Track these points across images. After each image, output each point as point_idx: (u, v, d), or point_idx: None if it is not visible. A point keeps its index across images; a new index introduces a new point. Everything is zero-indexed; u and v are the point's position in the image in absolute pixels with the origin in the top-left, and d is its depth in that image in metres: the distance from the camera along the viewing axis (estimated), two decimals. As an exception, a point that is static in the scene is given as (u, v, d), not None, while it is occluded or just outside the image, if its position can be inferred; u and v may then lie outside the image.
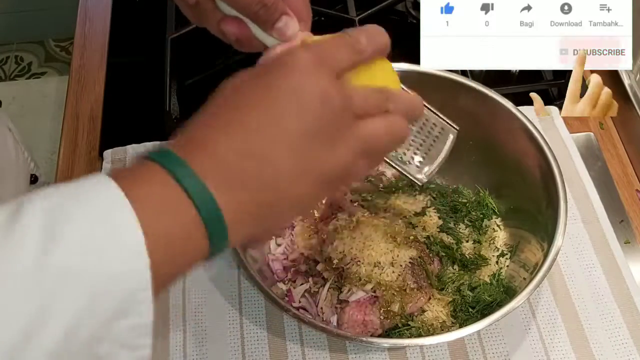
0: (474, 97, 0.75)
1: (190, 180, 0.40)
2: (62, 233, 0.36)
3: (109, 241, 0.37)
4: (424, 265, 0.72)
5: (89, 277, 0.36)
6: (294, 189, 0.44)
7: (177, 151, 0.42)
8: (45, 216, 0.36)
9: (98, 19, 1.07)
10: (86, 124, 0.94)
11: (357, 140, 0.46)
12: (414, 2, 1.02)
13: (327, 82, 0.44)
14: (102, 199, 0.38)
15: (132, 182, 0.40)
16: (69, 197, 0.38)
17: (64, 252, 0.35)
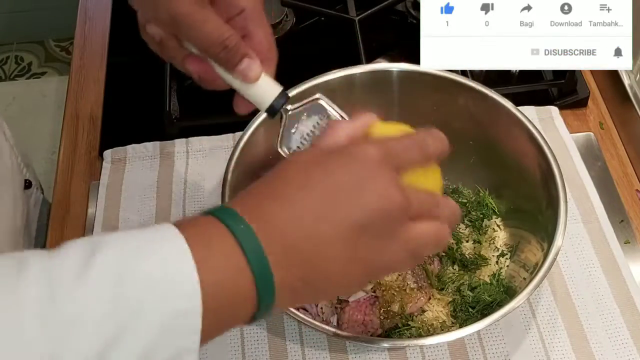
0: (474, 97, 0.75)
1: (252, 248, 0.41)
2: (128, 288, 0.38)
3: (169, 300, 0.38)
4: (424, 265, 0.72)
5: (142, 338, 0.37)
6: (341, 275, 0.45)
7: (238, 210, 0.43)
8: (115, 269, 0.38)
9: (98, 19, 1.07)
10: (86, 124, 0.94)
11: (408, 240, 0.46)
12: (414, 2, 1.02)
13: (390, 181, 0.45)
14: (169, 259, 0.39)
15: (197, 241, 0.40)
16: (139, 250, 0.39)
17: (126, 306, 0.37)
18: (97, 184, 0.85)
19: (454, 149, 0.59)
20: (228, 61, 0.53)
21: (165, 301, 0.38)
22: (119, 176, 0.86)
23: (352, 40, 0.95)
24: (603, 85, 0.95)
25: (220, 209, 0.43)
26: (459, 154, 0.77)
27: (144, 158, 0.87)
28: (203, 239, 0.41)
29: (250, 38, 0.54)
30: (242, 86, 0.55)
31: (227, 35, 0.52)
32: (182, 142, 0.88)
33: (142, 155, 0.88)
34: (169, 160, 0.87)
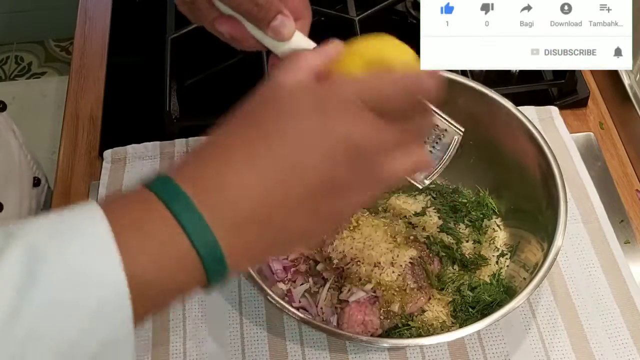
0: (474, 97, 0.75)
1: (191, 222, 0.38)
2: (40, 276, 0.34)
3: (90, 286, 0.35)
4: (424, 265, 0.72)
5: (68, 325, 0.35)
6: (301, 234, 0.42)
7: (177, 180, 0.39)
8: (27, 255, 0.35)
9: (98, 19, 1.07)
10: (86, 124, 0.94)
11: (383, 184, 0.44)
12: (414, 2, 1.02)
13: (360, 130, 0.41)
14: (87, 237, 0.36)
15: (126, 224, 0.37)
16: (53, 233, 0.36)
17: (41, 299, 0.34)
18: (97, 184, 0.85)
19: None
20: (261, 19, 0.50)
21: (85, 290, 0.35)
22: (119, 176, 0.86)
23: (352, 40, 0.95)
24: (603, 85, 0.95)
25: (154, 179, 0.39)
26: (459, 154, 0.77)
27: (144, 158, 0.87)
28: (133, 220, 0.37)
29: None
30: (276, 45, 0.52)
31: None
32: (182, 142, 0.88)
33: (142, 155, 0.88)
34: (169, 160, 0.87)
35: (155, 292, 0.38)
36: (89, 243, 0.36)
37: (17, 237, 0.35)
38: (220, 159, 0.40)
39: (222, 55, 0.98)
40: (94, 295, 0.35)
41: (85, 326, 0.35)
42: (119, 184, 0.85)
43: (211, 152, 0.41)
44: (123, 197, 0.39)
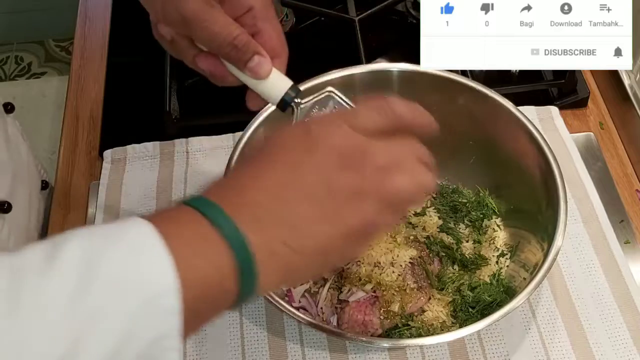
0: (474, 97, 0.75)
1: (219, 216, 0.41)
2: (97, 274, 0.36)
3: (143, 286, 0.37)
4: (424, 265, 0.72)
5: (120, 321, 0.36)
6: (315, 232, 0.44)
7: (208, 196, 0.43)
8: (84, 254, 0.37)
9: (98, 19, 1.07)
10: (86, 124, 0.94)
11: (379, 192, 0.46)
12: (414, 2, 1.02)
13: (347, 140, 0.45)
14: (139, 242, 0.39)
15: (165, 223, 0.40)
16: (108, 238, 0.38)
17: (96, 293, 0.36)
18: (97, 184, 0.85)
19: (454, 149, 0.59)
20: (238, 59, 0.53)
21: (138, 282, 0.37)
22: (119, 176, 0.86)
23: (352, 40, 0.95)
24: (603, 85, 0.95)
25: (186, 199, 0.43)
26: (459, 154, 0.77)
27: (144, 158, 0.87)
28: (170, 220, 0.41)
29: (260, 35, 0.55)
30: (254, 82, 0.55)
31: (236, 34, 0.52)
32: (182, 142, 0.88)
33: (142, 155, 0.88)
34: (169, 160, 0.87)
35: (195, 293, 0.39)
36: (141, 246, 0.38)
37: (70, 241, 0.38)
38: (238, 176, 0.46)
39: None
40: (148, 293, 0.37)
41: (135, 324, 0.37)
42: (119, 184, 0.85)
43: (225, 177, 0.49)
44: (163, 211, 0.43)
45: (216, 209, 0.42)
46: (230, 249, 0.41)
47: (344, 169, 0.45)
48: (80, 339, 0.35)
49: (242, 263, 0.41)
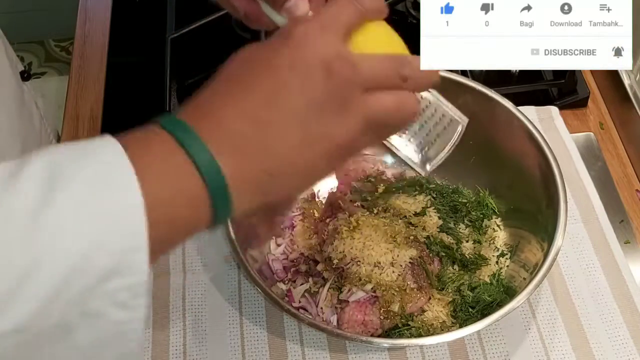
0: (474, 97, 0.75)
1: (194, 143, 0.40)
2: (62, 188, 0.36)
3: (107, 200, 0.37)
4: (424, 265, 0.72)
5: (83, 234, 0.36)
6: (297, 158, 0.43)
7: (183, 118, 0.42)
8: (47, 170, 0.37)
9: (98, 19, 1.07)
10: (86, 124, 0.94)
11: (365, 113, 0.45)
12: (414, 2, 1.02)
13: (332, 50, 0.44)
14: (105, 159, 0.38)
15: (137, 145, 0.40)
16: (74, 154, 0.38)
17: (60, 208, 0.36)
18: (97, 184, 0.85)
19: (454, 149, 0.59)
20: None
21: (104, 199, 0.37)
22: (119, 176, 0.86)
23: (352, 40, 0.95)
24: (603, 85, 0.95)
25: (160, 117, 0.42)
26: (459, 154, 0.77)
27: (144, 158, 0.87)
28: (141, 143, 0.40)
29: None
30: None
31: None
32: (182, 142, 0.88)
33: (142, 155, 0.87)
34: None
35: (165, 217, 0.39)
36: (108, 166, 0.38)
37: (37, 156, 0.37)
38: (213, 96, 0.44)
39: (222, 55, 0.98)
40: (112, 207, 0.37)
41: (100, 237, 0.36)
42: (119, 184, 0.85)
43: (207, 94, 0.44)
44: (133, 132, 0.42)
45: (191, 135, 0.40)
46: (203, 178, 0.40)
47: (328, 84, 0.43)
48: (41, 255, 0.35)
49: (216, 194, 0.41)
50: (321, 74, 0.43)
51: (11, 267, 0.35)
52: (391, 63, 0.46)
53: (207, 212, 0.41)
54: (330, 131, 0.44)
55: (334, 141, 0.44)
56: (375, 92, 0.45)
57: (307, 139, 0.43)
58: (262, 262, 0.74)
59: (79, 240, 0.36)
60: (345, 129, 0.44)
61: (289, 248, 0.76)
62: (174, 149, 0.40)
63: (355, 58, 0.45)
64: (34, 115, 0.86)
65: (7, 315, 0.35)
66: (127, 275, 0.37)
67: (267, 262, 0.75)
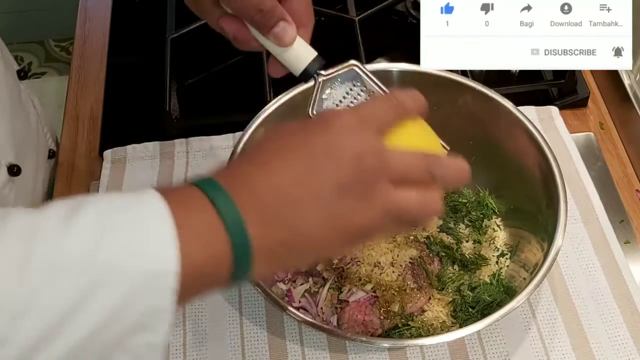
0: (474, 97, 0.75)
1: (227, 208, 0.42)
2: (109, 241, 0.38)
3: (146, 257, 0.39)
4: (424, 265, 0.72)
5: (121, 287, 0.38)
6: (317, 236, 0.45)
7: (217, 179, 0.44)
8: (97, 222, 0.39)
9: (98, 19, 1.07)
10: (86, 124, 0.94)
11: (386, 203, 0.46)
12: (414, 2, 1.02)
13: (366, 141, 0.46)
14: (149, 218, 0.40)
15: (175, 205, 0.41)
16: (122, 206, 0.40)
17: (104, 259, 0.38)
18: (97, 184, 0.85)
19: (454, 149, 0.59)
20: (263, 24, 0.53)
21: (143, 258, 0.39)
22: (119, 176, 0.86)
23: (352, 40, 0.95)
24: (603, 85, 0.95)
25: (199, 179, 0.44)
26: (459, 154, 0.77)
27: (144, 158, 0.87)
28: (182, 203, 0.42)
29: (287, 2, 0.54)
30: (277, 50, 0.54)
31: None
32: (182, 142, 0.88)
33: (142, 155, 0.88)
34: (169, 160, 0.87)
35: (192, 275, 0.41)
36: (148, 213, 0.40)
37: (85, 205, 0.40)
38: (249, 165, 0.46)
39: (222, 55, 0.98)
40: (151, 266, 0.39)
41: (137, 287, 0.38)
42: (119, 184, 0.85)
43: (243, 160, 0.47)
44: (170, 187, 0.44)
45: (225, 200, 0.42)
46: (231, 243, 0.42)
47: (357, 172, 0.45)
48: (84, 299, 0.37)
49: (239, 257, 0.42)
50: (352, 162, 0.45)
51: (52, 311, 0.37)
52: (422, 160, 0.48)
53: (227, 273, 0.43)
54: (352, 215, 0.45)
55: (354, 225, 0.46)
56: (402, 187, 0.47)
57: (329, 220, 0.45)
58: (262, 262, 0.74)
59: (117, 292, 0.38)
60: (366, 215, 0.46)
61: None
62: (207, 207, 0.42)
63: (387, 151, 0.46)
64: (30, 115, 0.86)
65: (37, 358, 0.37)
66: (150, 333, 0.39)
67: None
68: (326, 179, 0.44)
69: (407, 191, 0.47)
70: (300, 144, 0.46)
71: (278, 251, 0.44)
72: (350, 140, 0.45)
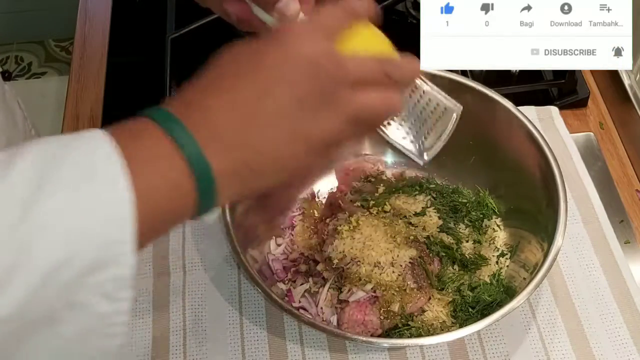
0: (474, 97, 0.75)
1: (182, 135, 0.41)
2: (51, 181, 0.37)
3: (95, 193, 0.37)
4: (424, 265, 0.72)
5: (71, 226, 0.37)
6: (281, 152, 0.44)
7: (171, 110, 0.43)
8: (38, 162, 0.37)
9: (98, 19, 1.07)
10: (86, 124, 0.94)
11: (349, 108, 0.45)
12: (414, 2, 1.02)
13: (320, 49, 0.45)
14: (94, 150, 0.39)
15: (125, 136, 0.40)
16: (63, 147, 0.39)
17: (49, 200, 0.36)
18: (97, 184, 0.85)
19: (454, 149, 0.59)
20: (267, 0, 0.53)
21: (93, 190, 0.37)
22: (119, 176, 0.86)
23: (352, 40, 0.95)
24: (603, 85, 0.95)
25: (150, 109, 0.43)
26: (459, 154, 0.77)
27: (144, 158, 0.87)
28: (132, 134, 0.41)
29: None
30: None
31: None
32: (182, 142, 0.88)
33: (142, 155, 0.87)
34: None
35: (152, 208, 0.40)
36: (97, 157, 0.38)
37: (29, 147, 0.38)
38: (202, 91, 0.44)
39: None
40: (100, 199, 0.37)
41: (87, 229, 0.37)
42: (119, 184, 0.85)
43: (195, 87, 0.45)
44: (120, 124, 0.43)
45: (179, 127, 0.41)
46: (191, 171, 0.41)
47: (315, 80, 0.44)
48: (29, 245, 0.36)
49: (203, 186, 0.41)
50: (308, 71, 0.44)
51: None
52: (376, 62, 0.47)
53: (191, 203, 0.42)
54: (314, 125, 0.44)
55: (318, 135, 0.45)
56: (360, 89, 0.46)
57: (292, 135, 0.44)
58: (262, 262, 0.74)
59: (66, 231, 0.36)
60: (330, 124, 0.45)
61: (289, 248, 0.77)
62: (162, 139, 0.41)
63: (342, 56, 0.46)
64: (16, 115, 0.85)
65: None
66: (113, 267, 0.38)
67: (267, 262, 0.75)
68: (283, 91, 0.43)
69: (367, 92, 0.46)
70: (253, 61, 0.45)
71: (242, 173, 0.43)
72: (303, 48, 0.44)
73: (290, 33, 0.45)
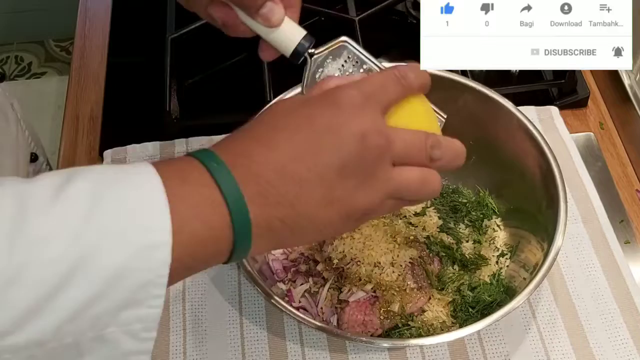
0: (474, 97, 0.75)
1: (228, 183, 0.41)
2: (101, 211, 0.38)
3: (138, 232, 0.38)
4: (424, 265, 0.72)
5: (114, 258, 0.37)
6: (318, 216, 0.45)
7: (217, 153, 0.43)
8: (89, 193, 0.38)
9: (98, 19, 1.07)
10: (86, 124, 0.94)
11: (389, 184, 0.46)
12: (414, 2, 1.02)
13: (370, 124, 0.45)
14: (142, 190, 0.39)
15: (173, 177, 0.41)
16: (115, 179, 0.40)
17: (97, 230, 0.37)
18: (97, 184, 0.85)
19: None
20: (250, 6, 0.52)
21: (136, 229, 0.38)
22: (119, 176, 0.86)
23: (352, 40, 0.95)
24: (603, 85, 0.95)
25: (199, 151, 0.44)
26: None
27: (144, 158, 0.87)
28: (178, 175, 0.41)
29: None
30: (266, 31, 0.54)
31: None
32: (182, 142, 0.88)
33: (142, 155, 0.87)
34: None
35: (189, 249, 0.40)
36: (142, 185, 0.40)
37: (78, 176, 0.39)
38: (250, 140, 0.45)
39: (222, 55, 0.98)
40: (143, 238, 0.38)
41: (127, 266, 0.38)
42: (119, 184, 0.85)
43: (243, 134, 0.46)
44: (168, 161, 0.44)
45: (226, 174, 0.42)
46: (231, 218, 0.41)
47: (361, 153, 0.44)
48: (76, 270, 0.36)
49: (239, 234, 0.42)
50: (356, 143, 0.44)
51: (43, 282, 0.36)
52: (423, 141, 0.48)
53: (226, 250, 0.43)
54: (353, 197, 0.45)
55: (355, 206, 0.46)
56: (402, 167, 0.47)
57: (329, 200, 0.44)
58: (262, 262, 0.74)
59: (109, 263, 0.37)
60: (367, 197, 0.46)
61: (289, 248, 0.76)
62: (206, 180, 0.41)
63: (391, 132, 0.46)
64: (9, 117, 0.85)
65: (27, 329, 0.36)
66: (145, 306, 0.39)
67: (267, 262, 0.75)
68: (329, 157, 0.44)
69: (407, 171, 0.47)
70: (303, 120, 0.45)
71: (277, 228, 0.44)
72: (354, 118, 0.45)
73: (344, 100, 0.45)
